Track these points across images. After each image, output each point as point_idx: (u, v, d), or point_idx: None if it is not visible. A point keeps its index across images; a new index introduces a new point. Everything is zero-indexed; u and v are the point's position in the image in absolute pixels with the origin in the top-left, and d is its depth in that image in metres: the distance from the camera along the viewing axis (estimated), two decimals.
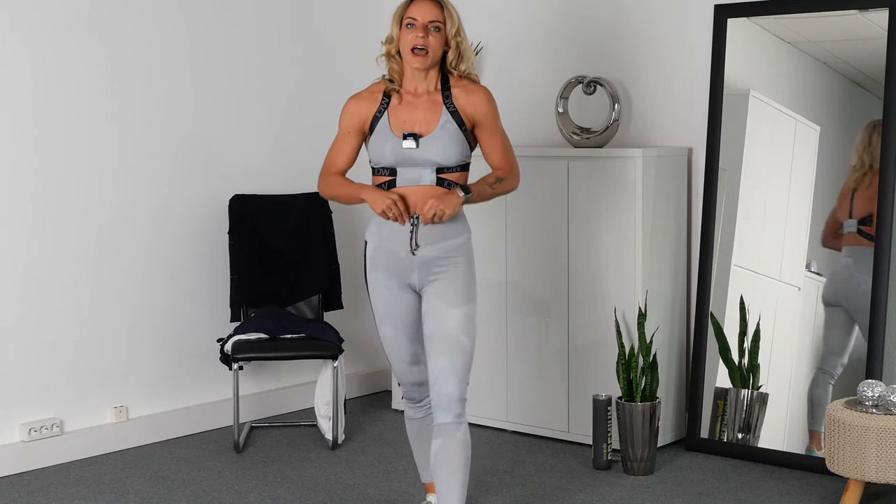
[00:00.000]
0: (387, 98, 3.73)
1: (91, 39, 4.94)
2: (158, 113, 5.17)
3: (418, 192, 3.68)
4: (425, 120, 3.68)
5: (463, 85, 3.72)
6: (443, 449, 3.66)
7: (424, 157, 3.66)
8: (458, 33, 3.68)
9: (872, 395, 4.05)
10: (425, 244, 3.68)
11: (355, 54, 5.87)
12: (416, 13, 3.65)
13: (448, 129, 3.67)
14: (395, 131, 3.68)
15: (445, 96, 3.70)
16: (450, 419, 3.67)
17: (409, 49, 3.65)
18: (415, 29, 3.64)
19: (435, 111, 3.69)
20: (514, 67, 5.54)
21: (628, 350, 4.67)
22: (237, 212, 5.32)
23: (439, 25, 3.65)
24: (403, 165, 3.67)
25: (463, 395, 3.69)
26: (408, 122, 3.69)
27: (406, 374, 3.87)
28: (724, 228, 4.88)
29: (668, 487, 4.49)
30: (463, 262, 3.73)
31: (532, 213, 5.09)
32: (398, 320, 3.79)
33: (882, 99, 4.48)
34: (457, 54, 3.69)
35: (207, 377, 5.35)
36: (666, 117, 5.10)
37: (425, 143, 3.66)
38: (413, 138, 3.64)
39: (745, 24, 4.84)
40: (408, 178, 3.68)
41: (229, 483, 4.60)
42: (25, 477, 4.69)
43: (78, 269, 4.93)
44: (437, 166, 3.66)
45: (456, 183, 3.69)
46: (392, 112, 3.71)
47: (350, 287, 5.65)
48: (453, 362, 3.67)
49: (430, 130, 3.67)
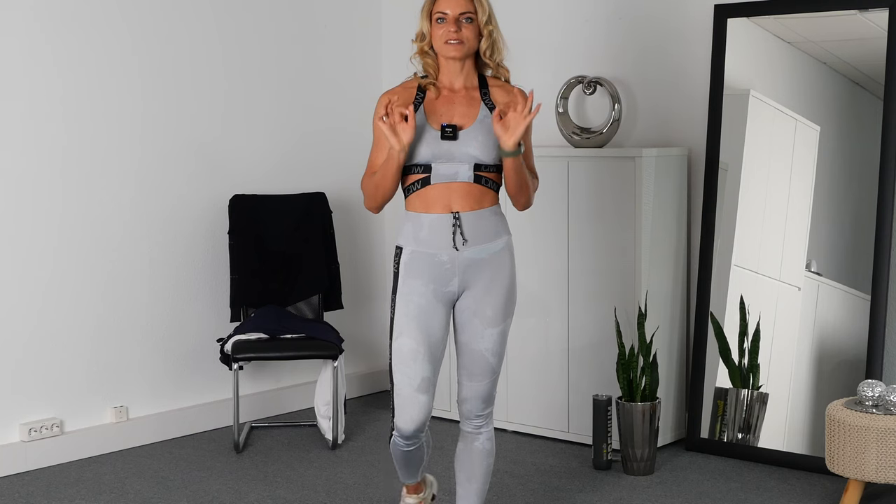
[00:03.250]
0: (422, 92, 3.52)
1: (91, 41, 4.94)
2: (158, 113, 5.17)
3: (453, 189, 3.46)
4: (464, 114, 3.49)
5: (501, 85, 3.57)
6: (463, 453, 3.66)
7: (463, 151, 3.45)
8: (489, 21, 3.50)
9: (872, 395, 4.05)
10: (468, 244, 3.46)
11: (355, 54, 5.87)
12: (445, 7, 3.47)
13: (487, 124, 3.46)
14: (432, 124, 3.46)
15: (483, 93, 3.54)
16: (470, 428, 3.64)
17: (443, 42, 3.47)
18: (446, 23, 3.46)
19: (473, 106, 3.50)
20: (513, 67, 5.51)
21: (628, 350, 4.67)
22: (237, 212, 5.32)
23: (471, 16, 3.48)
24: (440, 160, 3.45)
25: (485, 411, 3.62)
26: (445, 115, 3.48)
27: (411, 402, 3.48)
28: (724, 228, 4.88)
29: (668, 487, 4.49)
30: (506, 270, 3.53)
31: (532, 213, 5.08)
32: (424, 333, 3.47)
33: (882, 99, 4.48)
34: (489, 43, 3.51)
35: (207, 377, 5.35)
36: (666, 117, 5.10)
37: (465, 136, 3.45)
38: (452, 129, 3.43)
39: (745, 24, 4.84)
40: (444, 173, 3.45)
41: (229, 483, 4.60)
42: (25, 477, 4.69)
43: (78, 269, 4.93)
44: (475, 161, 3.45)
45: (494, 182, 3.51)
46: (428, 105, 3.50)
47: (350, 287, 5.65)
48: (481, 385, 3.58)
49: (469, 124, 3.47)
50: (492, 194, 3.52)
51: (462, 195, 3.47)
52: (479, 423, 3.62)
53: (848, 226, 4.63)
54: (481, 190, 3.48)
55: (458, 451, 3.68)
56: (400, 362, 3.48)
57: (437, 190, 3.46)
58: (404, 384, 3.48)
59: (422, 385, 3.47)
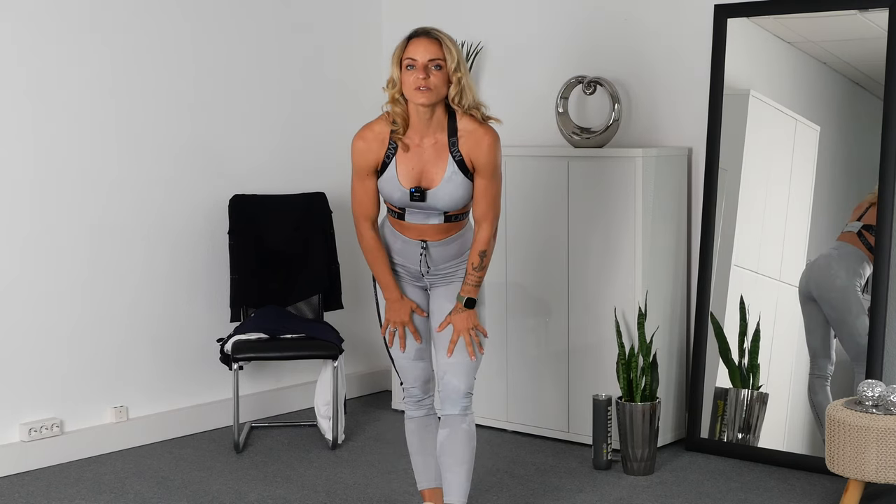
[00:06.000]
0: (394, 142, 3.68)
1: (92, 40, 4.94)
2: (159, 113, 5.17)
3: (427, 227, 3.74)
4: (431, 171, 3.66)
5: (471, 130, 3.64)
6: (448, 439, 3.79)
7: (431, 206, 3.69)
8: (458, 68, 3.59)
9: (872, 395, 4.05)
10: (436, 265, 3.79)
11: (356, 55, 5.87)
12: (414, 53, 3.58)
13: (454, 181, 3.66)
14: (402, 181, 3.67)
15: (452, 143, 3.65)
16: (456, 411, 3.79)
17: (413, 89, 3.58)
18: (415, 70, 3.57)
19: (441, 160, 3.66)
20: (513, 67, 5.54)
21: (628, 350, 4.67)
22: (237, 212, 5.32)
23: (440, 63, 3.58)
24: (411, 209, 3.71)
25: (469, 390, 3.79)
26: (415, 169, 3.66)
27: (410, 368, 3.86)
28: (724, 228, 4.88)
29: (668, 487, 4.49)
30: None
31: (532, 213, 5.09)
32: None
33: (882, 99, 4.48)
34: (458, 90, 3.61)
35: (207, 377, 5.35)
36: (666, 117, 5.10)
37: (432, 195, 3.67)
38: (420, 193, 3.66)
39: (745, 24, 4.83)
40: (416, 218, 3.73)
41: (229, 483, 4.60)
42: (25, 477, 4.69)
43: (78, 269, 4.93)
44: (444, 211, 3.71)
45: (465, 214, 3.79)
46: (400, 159, 3.67)
47: (350, 287, 5.65)
48: (463, 357, 3.76)
49: (436, 182, 3.66)
50: (461, 223, 3.80)
51: (434, 231, 3.76)
52: (465, 405, 3.79)
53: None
54: (451, 225, 3.76)
55: (443, 437, 3.80)
56: (393, 341, 3.85)
57: (411, 224, 3.75)
58: (400, 356, 3.87)
59: (417, 354, 3.86)
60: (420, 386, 3.89)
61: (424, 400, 3.92)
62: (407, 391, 3.92)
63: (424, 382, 3.89)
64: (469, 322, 3.76)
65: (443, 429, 3.80)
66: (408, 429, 3.99)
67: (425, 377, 3.89)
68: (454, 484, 3.78)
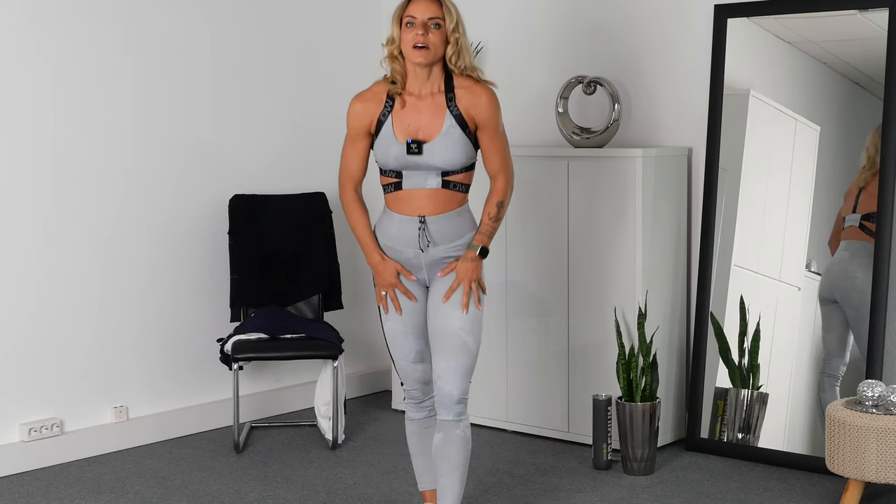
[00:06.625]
0: (391, 100, 3.71)
1: (94, 40, 4.94)
2: (158, 113, 5.17)
3: (423, 194, 3.70)
4: (429, 124, 3.67)
5: (467, 86, 3.69)
6: (443, 443, 3.77)
7: (429, 163, 3.66)
8: (455, 29, 3.66)
9: (872, 395, 4.05)
10: (434, 244, 3.73)
11: (356, 55, 5.87)
12: (414, 11, 3.64)
13: (452, 135, 3.66)
14: (398, 137, 3.67)
15: (449, 98, 3.68)
16: (450, 417, 3.76)
17: (411, 47, 3.63)
18: (414, 27, 3.63)
19: (439, 115, 3.68)
20: (514, 67, 5.54)
21: (628, 350, 4.67)
22: (237, 212, 5.32)
23: (439, 22, 3.64)
24: (408, 169, 3.68)
25: (464, 396, 3.76)
26: (412, 125, 3.67)
27: (410, 371, 3.85)
28: (724, 228, 4.88)
29: (668, 487, 4.49)
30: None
31: (532, 213, 5.09)
32: (405, 314, 3.79)
33: (882, 99, 4.48)
34: (455, 50, 3.66)
35: (207, 377, 5.36)
36: (666, 117, 5.10)
37: (429, 149, 3.65)
38: (417, 145, 3.65)
39: (745, 24, 4.84)
40: (413, 182, 3.69)
41: (229, 483, 4.60)
42: (25, 477, 4.69)
43: (78, 269, 4.93)
44: (442, 170, 3.68)
45: (463, 185, 3.73)
46: (396, 115, 3.69)
47: (350, 287, 5.65)
48: (457, 363, 3.73)
49: (433, 136, 3.66)
50: (460, 196, 3.75)
51: (430, 200, 3.71)
52: (459, 411, 3.76)
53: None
54: (449, 195, 3.72)
55: (437, 441, 3.78)
56: (393, 341, 3.84)
57: (407, 194, 3.71)
58: (401, 358, 3.85)
59: (416, 357, 3.83)
60: (420, 388, 3.88)
61: (425, 401, 3.92)
62: (407, 392, 3.93)
63: (424, 384, 3.87)
64: (474, 273, 3.72)
65: (437, 433, 3.78)
66: (408, 430, 3.98)
67: (425, 379, 3.86)
68: (447, 489, 3.78)
